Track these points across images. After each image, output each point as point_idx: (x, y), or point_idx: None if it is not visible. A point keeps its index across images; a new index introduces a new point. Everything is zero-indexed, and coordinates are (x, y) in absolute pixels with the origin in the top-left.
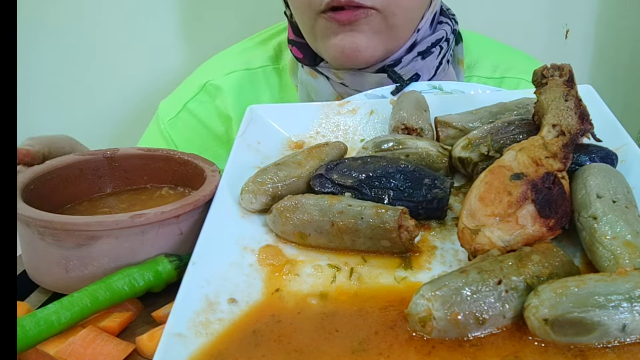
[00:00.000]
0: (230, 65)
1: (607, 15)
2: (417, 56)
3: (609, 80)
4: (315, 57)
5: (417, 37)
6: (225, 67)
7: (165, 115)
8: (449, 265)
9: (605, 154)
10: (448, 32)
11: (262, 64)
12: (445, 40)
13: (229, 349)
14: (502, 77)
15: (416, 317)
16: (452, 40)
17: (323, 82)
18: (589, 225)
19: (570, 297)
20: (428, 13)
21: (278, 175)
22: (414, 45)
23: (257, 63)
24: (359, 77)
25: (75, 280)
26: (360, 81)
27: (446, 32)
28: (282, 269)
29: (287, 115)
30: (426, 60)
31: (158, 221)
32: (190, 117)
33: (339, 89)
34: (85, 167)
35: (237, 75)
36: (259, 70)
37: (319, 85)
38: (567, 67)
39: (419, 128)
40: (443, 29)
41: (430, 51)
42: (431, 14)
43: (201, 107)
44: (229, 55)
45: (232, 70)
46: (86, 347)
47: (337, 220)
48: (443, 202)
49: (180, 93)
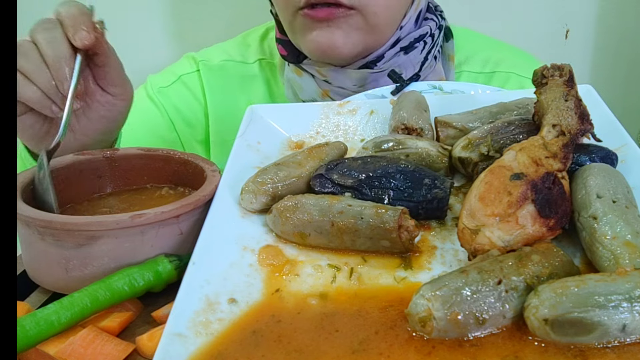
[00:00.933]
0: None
1: (607, 15)
2: (400, 51)
3: (609, 80)
4: (298, 54)
5: (401, 34)
6: (223, 54)
7: (156, 83)
8: (449, 265)
9: (605, 154)
10: (433, 28)
11: (258, 57)
12: (430, 36)
13: (229, 349)
14: (492, 71)
15: (416, 317)
16: (437, 35)
17: (308, 79)
18: (589, 225)
19: (570, 297)
20: (412, 10)
21: (278, 175)
22: (397, 41)
23: (253, 57)
24: (341, 74)
25: (75, 280)
26: (343, 78)
27: (431, 27)
28: (282, 269)
29: (287, 115)
30: (409, 55)
31: (158, 221)
32: (183, 88)
33: (324, 86)
34: (85, 167)
35: (233, 65)
36: (255, 64)
37: (304, 83)
38: (567, 67)
39: (419, 128)
40: (428, 24)
41: (413, 46)
42: (415, 11)
43: (195, 82)
44: (228, 45)
45: (229, 59)
46: (86, 347)
47: (337, 220)
48: (443, 202)
49: (174, 68)
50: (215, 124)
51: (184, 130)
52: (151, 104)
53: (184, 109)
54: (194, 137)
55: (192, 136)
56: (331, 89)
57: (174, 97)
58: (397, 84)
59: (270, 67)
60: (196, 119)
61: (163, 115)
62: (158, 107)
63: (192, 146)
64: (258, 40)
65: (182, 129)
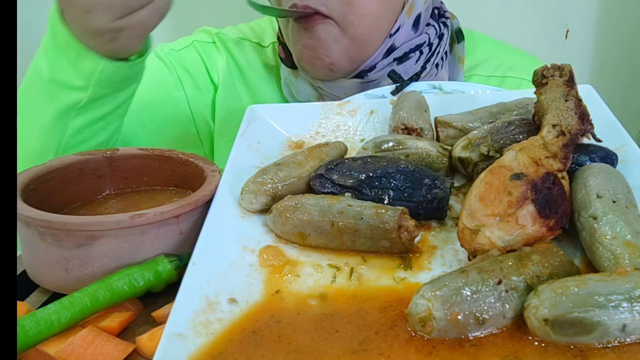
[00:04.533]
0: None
1: (607, 15)
2: (393, 62)
3: (609, 80)
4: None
5: (395, 42)
6: (238, 32)
7: (167, 46)
8: (449, 265)
9: (605, 154)
10: (432, 37)
11: (272, 40)
12: (427, 45)
13: (228, 349)
14: (504, 76)
15: (416, 317)
16: (436, 44)
17: (303, 82)
18: (589, 225)
19: (570, 297)
20: (402, 16)
21: (278, 176)
22: (391, 50)
23: (268, 40)
24: (334, 83)
25: (75, 280)
26: (335, 87)
27: (429, 36)
28: (282, 270)
29: (287, 115)
30: (404, 64)
31: (158, 221)
32: (195, 53)
33: (319, 91)
34: (85, 167)
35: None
36: (269, 48)
37: (300, 85)
38: (567, 67)
39: (419, 128)
40: (427, 32)
41: (408, 56)
42: (409, 16)
43: (210, 52)
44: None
45: (244, 37)
46: (86, 347)
47: (337, 221)
48: (443, 202)
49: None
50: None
51: (193, 92)
52: (160, 63)
53: (194, 71)
54: (201, 102)
55: (199, 101)
56: (326, 94)
57: (185, 60)
58: (397, 84)
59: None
60: (205, 85)
61: (172, 73)
62: (167, 65)
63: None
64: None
65: (191, 91)
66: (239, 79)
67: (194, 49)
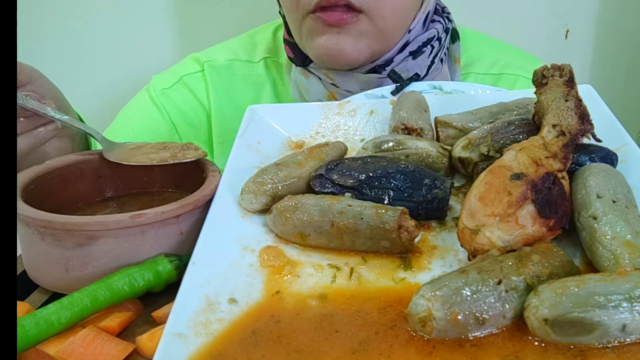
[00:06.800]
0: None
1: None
2: (409, 56)
3: (609, 80)
4: (305, 57)
5: (410, 37)
6: (227, 53)
7: (158, 84)
8: (449, 265)
9: (605, 154)
10: (440, 31)
11: (263, 56)
12: (437, 40)
13: (228, 349)
14: (499, 73)
15: (416, 317)
16: (444, 39)
17: (315, 81)
18: (589, 225)
19: (570, 297)
20: (420, 13)
21: (278, 176)
22: (405, 45)
23: (258, 55)
24: (349, 77)
25: (75, 280)
26: (350, 81)
27: (438, 31)
28: (282, 270)
29: (287, 115)
30: (417, 60)
31: (158, 221)
32: (185, 90)
33: (330, 89)
34: (85, 167)
35: (239, 65)
36: (260, 63)
37: (311, 85)
38: (567, 67)
39: (419, 128)
40: (435, 27)
41: (421, 50)
42: (423, 13)
43: (198, 83)
44: (234, 43)
45: (234, 58)
46: (86, 347)
47: (337, 221)
48: (443, 202)
49: (177, 68)
50: (220, 125)
51: (187, 131)
52: (153, 107)
53: (186, 109)
54: (196, 138)
55: (195, 137)
56: (338, 92)
57: (176, 98)
58: (397, 84)
59: (276, 66)
60: (199, 120)
61: (165, 118)
62: (160, 109)
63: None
64: (267, 38)
65: (185, 131)
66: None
67: (183, 85)
